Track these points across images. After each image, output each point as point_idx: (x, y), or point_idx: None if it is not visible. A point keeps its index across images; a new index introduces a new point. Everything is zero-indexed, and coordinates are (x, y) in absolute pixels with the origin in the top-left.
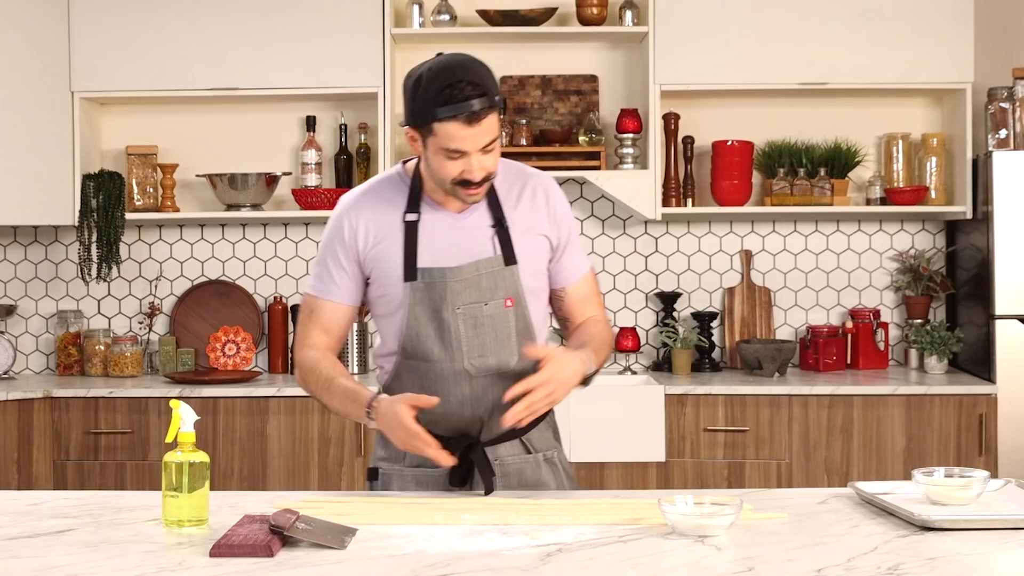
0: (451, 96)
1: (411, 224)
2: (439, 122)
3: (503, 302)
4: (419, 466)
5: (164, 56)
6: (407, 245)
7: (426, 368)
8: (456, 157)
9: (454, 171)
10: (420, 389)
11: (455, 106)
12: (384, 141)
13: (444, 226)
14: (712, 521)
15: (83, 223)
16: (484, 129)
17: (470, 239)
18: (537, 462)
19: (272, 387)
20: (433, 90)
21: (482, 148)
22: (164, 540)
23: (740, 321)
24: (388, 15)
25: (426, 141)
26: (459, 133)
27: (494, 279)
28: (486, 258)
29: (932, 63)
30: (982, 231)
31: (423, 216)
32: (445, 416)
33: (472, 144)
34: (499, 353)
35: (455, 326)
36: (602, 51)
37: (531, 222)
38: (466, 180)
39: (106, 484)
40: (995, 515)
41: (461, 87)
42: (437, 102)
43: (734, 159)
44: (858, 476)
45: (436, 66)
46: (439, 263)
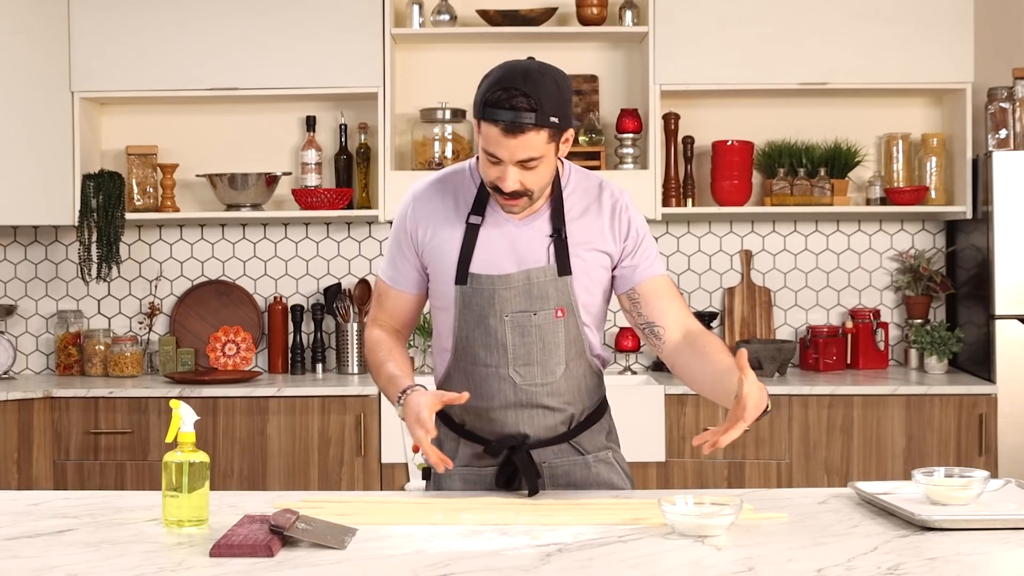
0: (498, 101)
1: (473, 227)
2: (484, 121)
3: (554, 312)
4: (467, 466)
5: (164, 56)
6: (464, 248)
7: (473, 371)
8: (494, 162)
9: (491, 175)
10: (469, 390)
11: (497, 111)
12: (384, 141)
13: (503, 232)
14: (712, 521)
15: (83, 223)
16: (523, 144)
17: (526, 247)
18: (587, 463)
19: (272, 387)
20: (489, 89)
21: (520, 162)
22: (164, 540)
23: (740, 321)
24: (388, 15)
25: (479, 136)
26: (496, 139)
27: (545, 289)
28: (539, 267)
29: (932, 63)
30: (982, 231)
31: (486, 219)
32: (490, 420)
33: (507, 154)
34: (546, 363)
35: (502, 333)
36: (602, 51)
37: (593, 235)
38: (496, 187)
39: (106, 484)
40: (995, 515)
41: (512, 94)
42: (486, 102)
43: (734, 159)
44: (858, 476)
45: (508, 66)
46: (490, 269)
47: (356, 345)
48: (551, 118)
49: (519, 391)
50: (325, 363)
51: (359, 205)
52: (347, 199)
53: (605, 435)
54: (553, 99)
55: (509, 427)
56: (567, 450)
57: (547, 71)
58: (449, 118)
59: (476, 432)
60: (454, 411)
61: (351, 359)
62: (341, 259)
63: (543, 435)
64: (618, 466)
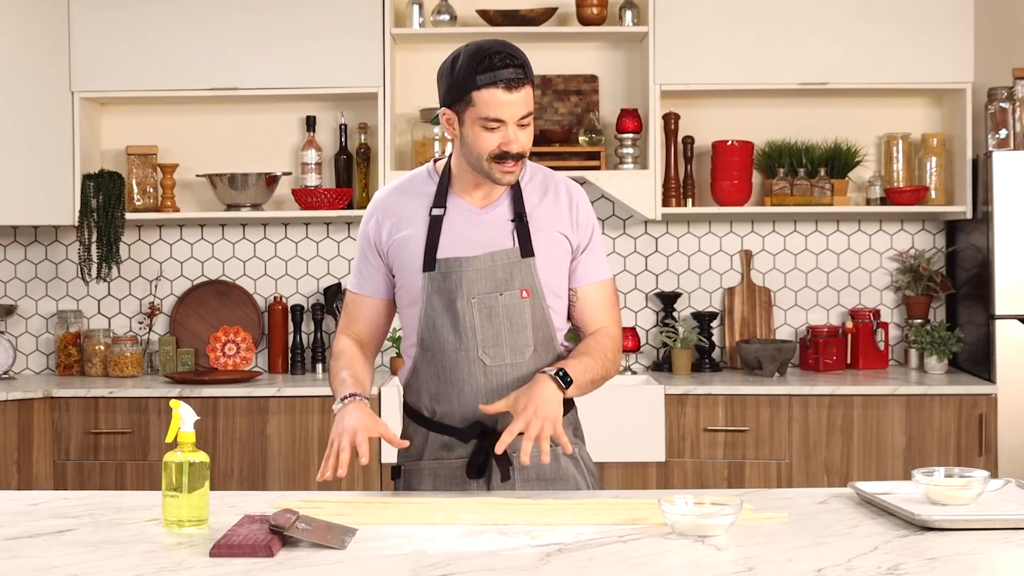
0: (491, 64)
1: (436, 218)
2: (479, 90)
3: (519, 293)
4: (437, 459)
5: (164, 56)
6: (429, 237)
7: (442, 358)
8: (494, 128)
9: (492, 143)
10: (437, 380)
11: (494, 72)
12: (384, 141)
13: (466, 219)
14: (712, 521)
15: (83, 223)
16: (522, 99)
17: (490, 232)
18: (556, 455)
19: (272, 387)
20: (473, 61)
21: (518, 120)
22: (164, 540)
23: (740, 321)
24: (388, 15)
25: (463, 116)
26: (499, 99)
27: (510, 270)
28: (503, 249)
29: (932, 63)
30: (982, 231)
31: (448, 211)
32: (460, 406)
33: (510, 112)
34: (513, 343)
35: (470, 315)
36: (602, 51)
37: (552, 220)
38: (504, 153)
39: (106, 484)
40: (995, 515)
41: (500, 56)
42: (477, 71)
43: (734, 159)
44: (858, 476)
45: (472, 44)
46: (456, 253)
47: None
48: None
49: (489, 373)
50: (325, 363)
51: (359, 205)
52: (347, 199)
53: (572, 430)
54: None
55: (479, 413)
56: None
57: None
58: None
59: (446, 421)
60: (423, 403)
61: None
62: (341, 259)
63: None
64: (582, 462)
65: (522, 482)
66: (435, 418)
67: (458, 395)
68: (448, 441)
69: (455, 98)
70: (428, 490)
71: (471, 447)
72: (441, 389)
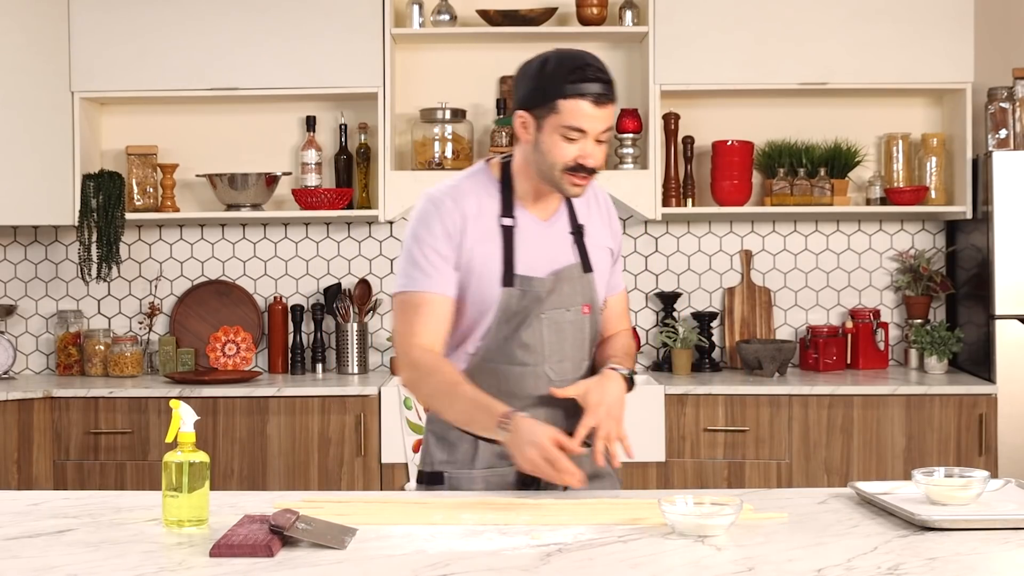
0: (583, 75)
1: (507, 229)
2: (566, 99)
3: (581, 308)
4: (489, 467)
5: (164, 56)
6: (505, 250)
7: (506, 371)
8: (575, 139)
9: (568, 154)
10: (496, 391)
11: (586, 84)
12: (384, 141)
13: (533, 232)
14: (712, 521)
15: (83, 223)
16: (607, 115)
17: (555, 246)
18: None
19: (272, 387)
20: (565, 68)
21: (598, 135)
22: (164, 540)
23: (740, 321)
24: (388, 15)
25: (543, 122)
26: (584, 112)
27: (574, 286)
28: (568, 265)
29: (932, 63)
30: (982, 231)
31: (516, 220)
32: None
33: (593, 125)
34: (575, 358)
35: (539, 331)
36: (602, 51)
37: (600, 232)
38: (579, 165)
39: (106, 484)
40: (995, 515)
41: (592, 69)
42: (569, 79)
43: (734, 159)
44: (858, 476)
45: (564, 50)
46: (531, 271)
47: (356, 345)
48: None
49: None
50: (325, 363)
51: (359, 205)
52: (347, 199)
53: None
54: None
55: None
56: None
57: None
58: (449, 118)
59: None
60: None
61: (351, 359)
62: (341, 259)
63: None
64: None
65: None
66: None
67: (520, 408)
68: (500, 450)
69: (537, 103)
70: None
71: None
72: (501, 401)
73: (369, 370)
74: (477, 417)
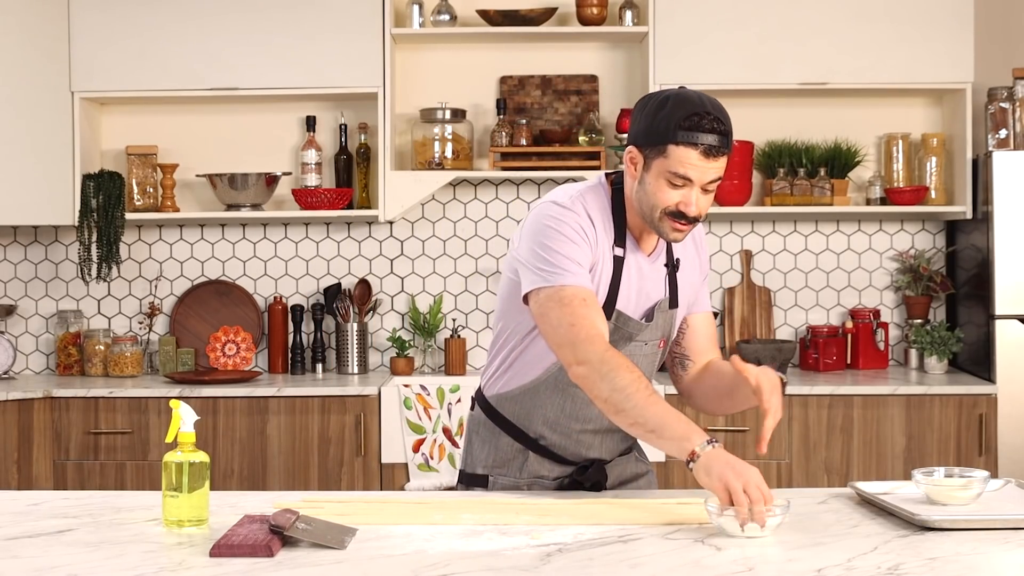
0: (697, 124)
1: (619, 260)
2: (676, 145)
3: (659, 343)
4: (536, 477)
5: (164, 56)
6: (613, 281)
7: (575, 392)
8: (679, 185)
9: (671, 200)
10: (560, 412)
11: (700, 135)
12: (384, 141)
13: (637, 266)
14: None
15: (83, 223)
16: (714, 167)
17: (652, 283)
18: (632, 460)
19: (272, 387)
20: (681, 112)
21: (704, 185)
22: (164, 540)
23: (740, 321)
24: (388, 15)
25: (651, 163)
26: (692, 161)
27: (657, 321)
28: (658, 301)
29: (932, 63)
30: (982, 231)
31: (626, 252)
32: (578, 443)
33: (699, 175)
34: None
35: None
36: (602, 51)
37: (691, 267)
38: (680, 212)
39: (106, 484)
40: (995, 515)
41: (709, 118)
42: (683, 125)
43: (734, 159)
44: (858, 476)
45: (686, 93)
46: (629, 309)
47: (356, 345)
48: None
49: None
50: (325, 363)
51: (359, 205)
52: (347, 199)
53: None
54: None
55: (593, 449)
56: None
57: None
58: (449, 118)
59: (553, 449)
60: (531, 425)
61: (351, 359)
62: (341, 259)
63: (612, 456)
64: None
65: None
66: (541, 442)
67: (579, 431)
68: (549, 465)
69: (649, 142)
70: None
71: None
72: (562, 421)
73: (369, 370)
74: (671, 433)
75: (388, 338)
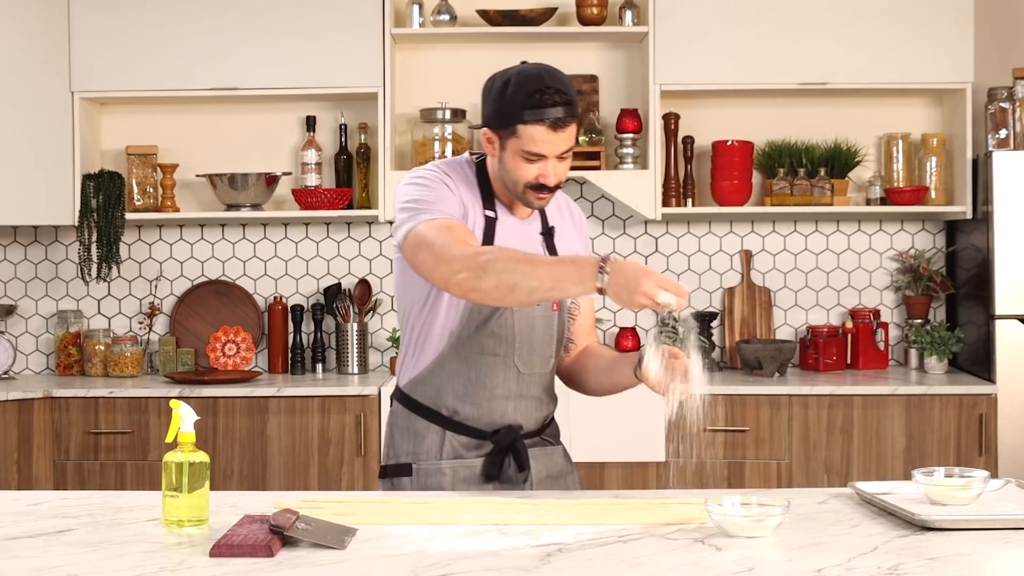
0: (540, 101)
1: (490, 220)
2: (524, 124)
3: (551, 306)
4: (456, 458)
5: (164, 56)
6: (486, 241)
7: (477, 360)
8: (534, 160)
9: (530, 174)
10: (466, 381)
11: (542, 111)
12: (384, 141)
13: (511, 227)
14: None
15: (83, 223)
16: (565, 137)
17: (529, 244)
18: (559, 453)
19: (272, 387)
20: (522, 93)
21: (559, 155)
22: (164, 540)
23: (740, 321)
24: (388, 15)
25: (505, 143)
26: (542, 137)
27: None
28: None
29: (932, 63)
30: (982, 231)
31: (497, 215)
32: (488, 410)
33: (551, 149)
34: (543, 353)
35: (511, 323)
36: (602, 51)
37: (570, 236)
38: (540, 184)
39: (106, 484)
40: (995, 515)
41: (550, 93)
42: (525, 105)
43: (734, 159)
44: (858, 476)
45: (525, 71)
46: None
47: (356, 345)
48: (577, 108)
49: (520, 380)
50: (325, 363)
51: (359, 205)
52: (347, 199)
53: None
54: (573, 91)
55: (508, 416)
56: (541, 441)
57: (556, 69)
58: (449, 118)
59: (468, 423)
60: (443, 402)
61: (351, 359)
62: (341, 259)
63: (532, 427)
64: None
65: (536, 482)
66: (456, 418)
67: (488, 398)
68: (468, 441)
69: (500, 124)
70: (446, 489)
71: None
72: (470, 391)
73: (369, 370)
74: (567, 272)
75: (388, 338)
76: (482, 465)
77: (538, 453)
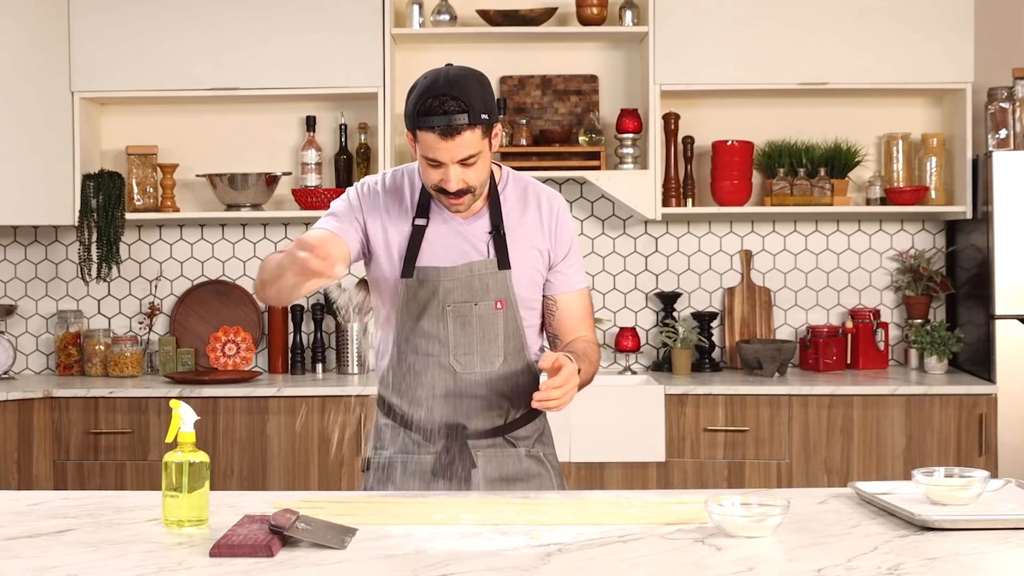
0: (430, 108)
1: (419, 228)
2: (420, 130)
3: (493, 304)
4: (408, 452)
5: (164, 56)
6: (410, 246)
7: (415, 361)
8: (435, 165)
9: (434, 178)
10: (414, 380)
11: (431, 118)
12: (384, 141)
13: (448, 229)
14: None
15: (83, 223)
16: (460, 144)
17: (469, 243)
18: (519, 456)
19: (272, 387)
20: (416, 100)
21: (460, 161)
22: (164, 540)
23: (740, 321)
24: (388, 15)
25: (415, 146)
26: (435, 144)
27: (486, 281)
28: (480, 260)
29: (932, 63)
30: (982, 231)
31: (431, 220)
32: (429, 410)
33: (447, 156)
34: (485, 353)
35: (444, 323)
36: (602, 51)
37: (530, 234)
38: (442, 189)
39: (106, 484)
40: (995, 515)
41: (442, 100)
42: (419, 111)
43: (734, 159)
44: (858, 476)
45: (428, 77)
46: (435, 262)
47: (356, 345)
48: (482, 115)
49: (458, 380)
50: (325, 363)
51: None
52: None
53: (538, 435)
54: (480, 97)
55: (448, 416)
56: (501, 442)
57: (469, 73)
58: None
59: (416, 421)
60: (395, 401)
61: (351, 359)
62: None
63: (479, 426)
64: (548, 464)
65: (486, 483)
66: (405, 416)
67: (428, 398)
68: (419, 438)
69: (408, 128)
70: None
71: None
72: (411, 390)
73: (369, 370)
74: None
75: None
76: (432, 461)
77: (490, 454)
